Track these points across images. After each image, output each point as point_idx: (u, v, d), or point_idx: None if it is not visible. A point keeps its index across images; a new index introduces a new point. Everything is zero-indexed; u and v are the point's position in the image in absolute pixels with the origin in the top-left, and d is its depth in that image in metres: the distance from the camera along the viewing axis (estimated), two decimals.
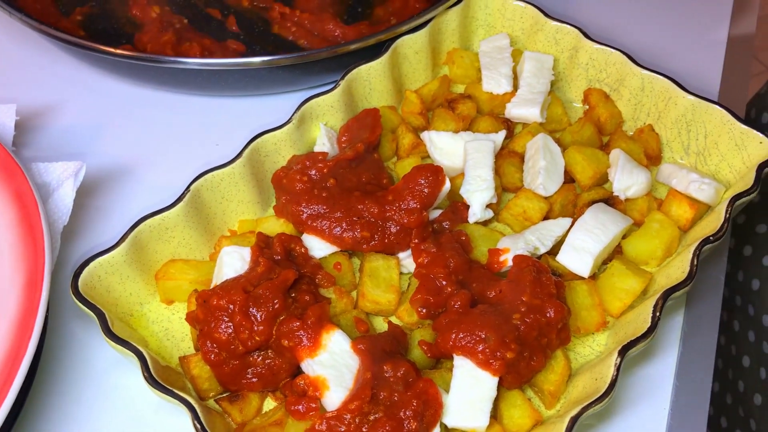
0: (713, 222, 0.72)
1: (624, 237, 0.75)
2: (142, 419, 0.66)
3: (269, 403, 0.66)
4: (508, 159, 0.82)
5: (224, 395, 0.66)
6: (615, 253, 0.75)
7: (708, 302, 0.76)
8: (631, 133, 0.86)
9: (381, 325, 0.71)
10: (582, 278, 0.72)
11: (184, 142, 0.88)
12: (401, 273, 0.73)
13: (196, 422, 0.57)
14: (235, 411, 0.64)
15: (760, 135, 0.77)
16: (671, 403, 0.68)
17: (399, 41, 0.87)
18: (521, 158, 0.82)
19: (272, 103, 0.91)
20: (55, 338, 0.70)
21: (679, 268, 0.69)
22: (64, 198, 0.72)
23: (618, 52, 0.85)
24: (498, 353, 0.62)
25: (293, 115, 0.78)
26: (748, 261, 0.97)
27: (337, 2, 1.02)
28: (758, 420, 0.94)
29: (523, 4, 0.92)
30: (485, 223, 0.77)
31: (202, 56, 0.92)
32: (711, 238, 0.69)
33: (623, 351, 0.62)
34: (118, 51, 0.84)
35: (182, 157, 0.85)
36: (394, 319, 0.71)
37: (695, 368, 0.71)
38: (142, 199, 0.80)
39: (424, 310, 0.68)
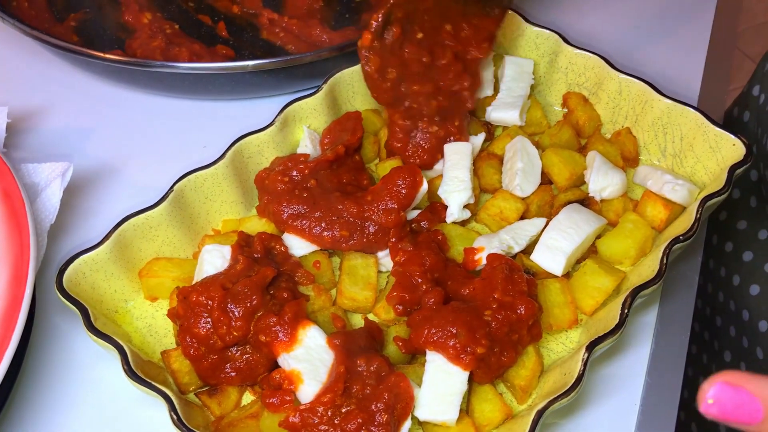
0: (686, 222, 0.74)
1: (599, 237, 0.77)
2: (124, 411, 0.68)
3: (248, 397, 0.68)
4: (487, 161, 0.83)
5: (204, 389, 0.68)
6: (590, 252, 0.77)
7: (681, 300, 0.78)
8: (609, 136, 0.88)
9: (359, 322, 0.73)
10: (555, 277, 0.73)
11: (172, 145, 0.90)
12: (379, 271, 0.75)
13: (172, 413, 0.59)
14: (213, 404, 0.66)
15: (733, 137, 0.78)
16: (642, 399, 0.70)
17: None
18: (500, 160, 0.84)
19: (260, 107, 0.93)
20: (42, 333, 0.72)
21: (650, 267, 0.70)
22: (52, 197, 0.74)
23: (596, 57, 0.87)
24: (468, 348, 0.63)
25: (276, 117, 0.80)
26: (729, 257, 0.98)
27: (325, 9, 1.04)
28: None
29: None
30: (463, 223, 0.79)
31: (191, 61, 0.94)
32: (681, 237, 0.71)
33: (590, 347, 0.64)
34: (108, 56, 0.86)
35: (169, 159, 0.86)
36: (371, 316, 0.73)
37: (666, 365, 0.73)
38: (129, 199, 0.82)
39: (400, 307, 0.70)
